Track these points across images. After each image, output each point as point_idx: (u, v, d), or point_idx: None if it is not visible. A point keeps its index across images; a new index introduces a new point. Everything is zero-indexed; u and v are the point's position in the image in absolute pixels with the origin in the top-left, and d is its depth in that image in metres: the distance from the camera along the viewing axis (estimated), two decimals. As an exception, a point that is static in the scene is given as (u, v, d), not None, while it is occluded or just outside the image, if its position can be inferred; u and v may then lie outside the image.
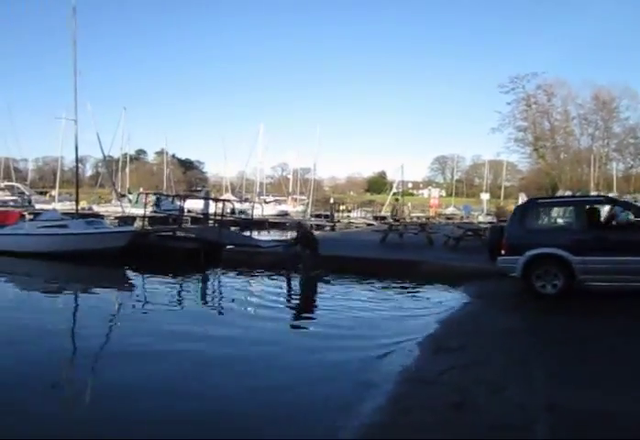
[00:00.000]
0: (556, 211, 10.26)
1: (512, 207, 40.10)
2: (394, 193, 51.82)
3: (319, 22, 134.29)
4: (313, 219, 38.69)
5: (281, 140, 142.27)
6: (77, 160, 21.95)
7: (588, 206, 9.48)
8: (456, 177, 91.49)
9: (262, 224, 33.01)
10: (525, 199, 34.75)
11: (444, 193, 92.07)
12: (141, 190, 43.52)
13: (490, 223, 19.64)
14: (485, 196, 49.29)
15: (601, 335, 6.50)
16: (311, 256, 12.21)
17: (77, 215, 18.65)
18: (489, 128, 57.13)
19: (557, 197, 11.83)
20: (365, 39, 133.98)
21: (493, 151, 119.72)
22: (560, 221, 10.02)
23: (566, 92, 53.11)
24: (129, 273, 14.10)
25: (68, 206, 40.16)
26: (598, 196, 11.17)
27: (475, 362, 5.46)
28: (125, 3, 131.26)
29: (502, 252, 9.20)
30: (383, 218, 38.52)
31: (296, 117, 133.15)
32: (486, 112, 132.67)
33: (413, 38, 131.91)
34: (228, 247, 15.50)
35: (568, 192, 32.61)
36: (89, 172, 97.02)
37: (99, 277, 13.93)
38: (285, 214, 45.25)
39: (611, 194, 31.13)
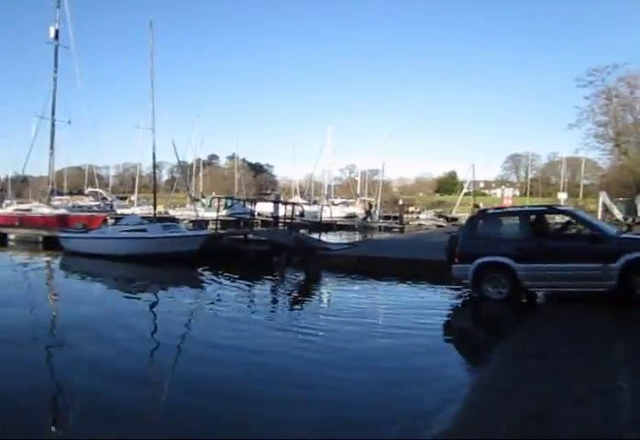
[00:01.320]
0: (504, 221, 10.38)
1: (592, 207, 38.27)
2: (466, 193, 50.62)
3: (388, 24, 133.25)
4: (381, 221, 38.49)
5: (349, 142, 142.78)
6: (154, 167, 23.08)
7: (533, 216, 9.83)
8: (530, 176, 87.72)
9: (330, 226, 33.19)
10: (607, 198, 33.15)
11: (517, 193, 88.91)
12: (214, 194, 44.95)
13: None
14: (563, 195, 47.12)
15: None
16: None
17: (155, 219, 19.45)
18: (565, 125, 54.72)
19: (506, 208, 11.80)
20: (436, 40, 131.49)
21: (571, 149, 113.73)
22: (507, 231, 10.12)
23: (650, 83, 49.92)
24: (207, 275, 14.56)
25: (146, 211, 42.12)
26: (543, 206, 11.00)
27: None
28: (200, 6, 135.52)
29: (456, 260, 9.75)
30: (455, 220, 37.68)
31: (365, 119, 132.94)
32: (562, 108, 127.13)
33: (486, 33, 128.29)
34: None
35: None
36: (165, 177, 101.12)
37: (178, 278, 14.35)
38: (353, 215, 45.27)
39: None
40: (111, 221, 26.20)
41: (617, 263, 8.46)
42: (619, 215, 30.19)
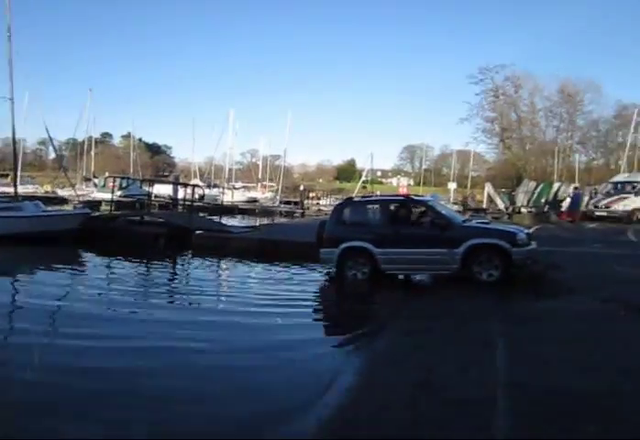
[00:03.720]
0: (367, 209, 11.19)
1: (479, 196, 40.98)
2: (363, 181, 52.19)
3: (292, 6, 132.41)
4: (282, 206, 38.70)
5: (251, 126, 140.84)
6: (14, 142, 20.85)
7: (392, 205, 10.72)
8: (424, 166, 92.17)
9: (232, 210, 32.83)
10: (491, 189, 35.65)
11: (412, 182, 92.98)
12: (107, 174, 42.68)
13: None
14: (452, 185, 49.93)
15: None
16: None
17: (18, 198, 18.25)
18: (458, 119, 58.08)
19: (369, 197, 13.01)
20: (338, 30, 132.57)
21: (462, 141, 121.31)
22: (369, 218, 10.94)
23: (533, 84, 54.25)
24: (88, 256, 14.02)
25: (31, 190, 39.17)
26: (400, 196, 12.32)
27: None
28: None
29: (323, 245, 10.42)
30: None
31: (267, 103, 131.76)
32: (455, 103, 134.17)
33: (387, 26, 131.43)
34: (198, 232, 15.40)
35: (533, 183, 33.26)
36: (52, 155, 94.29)
37: (60, 258, 13.53)
38: (254, 200, 45.06)
39: (573, 185, 32.02)
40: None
41: (460, 249, 9.37)
42: (501, 205, 32.54)
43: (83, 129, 49.14)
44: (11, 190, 25.34)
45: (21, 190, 31.53)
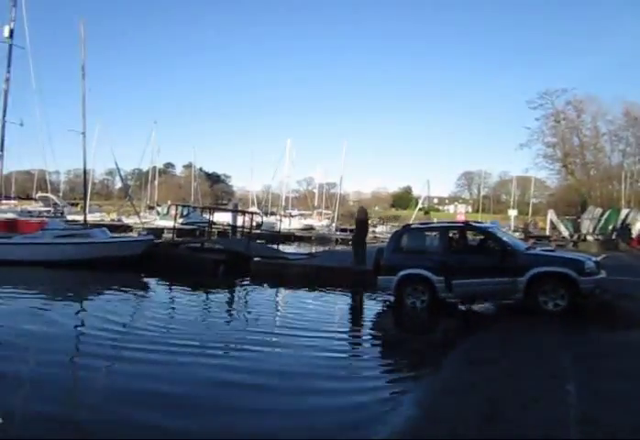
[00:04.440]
0: (426, 235, 11.00)
1: (541, 224, 39.63)
2: (420, 208, 51.60)
3: (347, 37, 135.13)
4: (338, 233, 38.75)
5: (308, 155, 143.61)
6: (85, 173, 22.45)
7: (451, 232, 10.44)
8: (482, 193, 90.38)
9: (288, 237, 33.16)
10: (554, 216, 34.49)
11: (470, 209, 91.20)
12: (169, 202, 44.24)
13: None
14: (513, 212, 48.55)
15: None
16: None
17: (86, 226, 19.66)
18: (517, 145, 56.77)
19: (427, 223, 12.57)
20: (392, 54, 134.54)
21: (521, 168, 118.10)
22: (428, 245, 10.76)
23: (596, 108, 52.46)
24: (151, 281, 14.48)
25: (98, 218, 41.02)
26: (459, 222, 11.68)
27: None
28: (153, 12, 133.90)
29: (381, 272, 10.32)
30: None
31: (323, 133, 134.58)
32: (514, 128, 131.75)
33: (444, 53, 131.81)
34: (256, 259, 15.61)
35: (599, 210, 31.95)
36: (119, 185, 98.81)
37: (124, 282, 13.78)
38: (311, 228, 45.40)
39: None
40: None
41: (524, 277, 9.01)
42: (565, 233, 31.42)
43: (148, 160, 51.47)
44: (81, 218, 26.77)
45: (90, 218, 33.21)
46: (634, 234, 26.27)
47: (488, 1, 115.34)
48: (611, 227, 28.53)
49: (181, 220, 23.96)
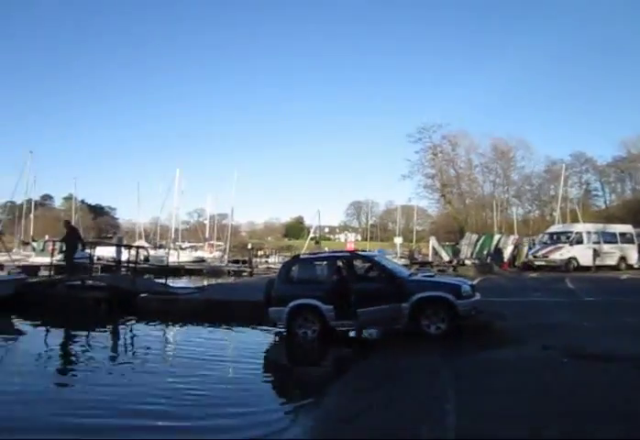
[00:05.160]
0: (315, 265, 11.32)
1: (424, 250, 41.83)
2: (312, 238, 52.45)
3: (235, 62, 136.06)
4: (230, 265, 38.22)
5: (197, 186, 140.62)
6: None
7: (339, 261, 10.72)
8: (370, 222, 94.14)
9: (178, 271, 32.09)
10: (436, 242, 36.58)
11: (359, 238, 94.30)
12: (47, 237, 41.17)
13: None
14: (398, 240, 50.93)
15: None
16: None
17: None
18: (399, 176, 60.12)
19: (316, 254, 13.24)
20: (278, 91, 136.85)
21: (405, 197, 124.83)
22: (317, 275, 11.08)
23: (468, 142, 57.44)
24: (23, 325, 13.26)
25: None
26: (347, 252, 12.62)
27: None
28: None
29: (272, 303, 10.32)
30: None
31: (213, 162, 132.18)
32: (398, 160, 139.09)
33: (324, 91, 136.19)
34: (142, 295, 14.90)
35: (475, 236, 34.43)
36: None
37: None
38: (202, 260, 44.32)
39: (512, 236, 33.26)
40: None
41: (407, 303, 9.48)
42: (446, 258, 33.33)
43: (23, 191, 47.79)
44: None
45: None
46: (505, 257, 28.53)
47: (373, 33, 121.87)
48: (485, 252, 30.76)
49: (59, 256, 22.34)
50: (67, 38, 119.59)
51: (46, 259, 22.30)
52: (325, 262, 10.98)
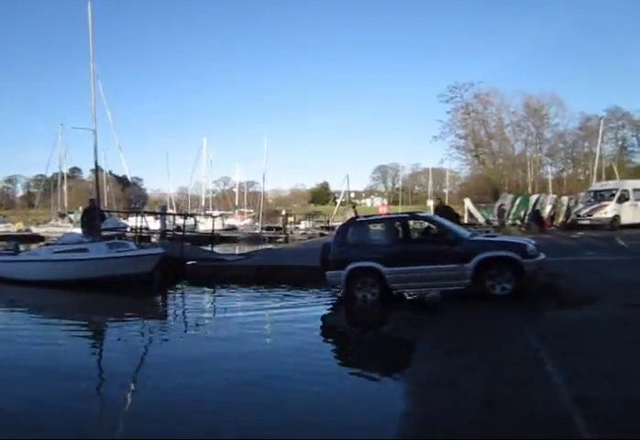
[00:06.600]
0: (372, 228, 11.12)
1: (459, 212, 41.31)
2: (342, 203, 52.24)
3: (260, 36, 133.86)
4: (264, 232, 38.37)
5: (226, 155, 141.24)
6: (97, 174, 18.19)
7: (397, 223, 10.44)
8: (397, 185, 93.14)
9: (212, 239, 32.29)
10: (471, 204, 36.00)
11: (386, 202, 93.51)
12: (81, 209, 41.76)
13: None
14: (431, 202, 50.35)
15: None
16: None
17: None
18: (430, 137, 58.98)
19: (374, 216, 12.76)
20: (305, 57, 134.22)
21: (435, 160, 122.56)
22: (375, 237, 10.92)
23: (499, 100, 55.64)
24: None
25: (3, 228, 38.00)
26: (404, 213, 12.38)
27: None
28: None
29: (329, 267, 10.17)
30: (334, 228, 38.59)
31: (239, 132, 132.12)
32: (427, 122, 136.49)
33: (352, 53, 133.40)
34: (190, 262, 14.92)
35: (510, 196, 33.71)
36: (20, 193, 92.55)
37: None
38: (233, 228, 44.58)
39: (550, 196, 32.48)
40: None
41: (470, 263, 9.23)
42: (481, 220, 32.83)
43: (56, 165, 48.33)
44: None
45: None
46: (545, 216, 27.94)
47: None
48: (523, 213, 30.15)
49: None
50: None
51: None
52: (382, 224, 10.78)
